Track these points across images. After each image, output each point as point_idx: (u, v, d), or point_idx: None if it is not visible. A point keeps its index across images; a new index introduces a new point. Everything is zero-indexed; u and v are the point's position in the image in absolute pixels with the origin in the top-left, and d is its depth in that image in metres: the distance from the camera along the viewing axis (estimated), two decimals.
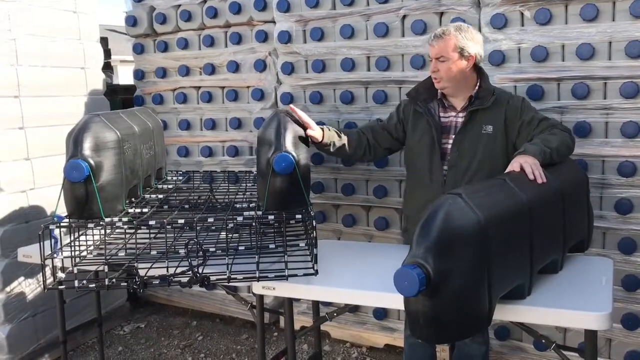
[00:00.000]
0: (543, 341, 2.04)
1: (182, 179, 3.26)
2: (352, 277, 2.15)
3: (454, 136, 2.34)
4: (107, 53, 4.52)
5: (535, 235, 1.83)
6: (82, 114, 3.44)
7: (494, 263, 1.64)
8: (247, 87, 3.51)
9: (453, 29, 2.28)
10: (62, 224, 2.16)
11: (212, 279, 2.02)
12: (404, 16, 2.93)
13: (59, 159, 2.48)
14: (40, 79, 3.29)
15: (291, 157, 2.26)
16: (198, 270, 2.00)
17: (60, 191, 2.24)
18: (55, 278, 2.10)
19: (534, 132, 2.25)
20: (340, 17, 3.09)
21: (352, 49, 3.07)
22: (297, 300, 3.29)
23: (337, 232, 3.29)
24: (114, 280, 2.06)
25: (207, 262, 2.03)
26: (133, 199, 2.60)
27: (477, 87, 2.33)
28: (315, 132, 2.47)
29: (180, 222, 2.14)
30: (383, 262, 2.15)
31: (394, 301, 1.74)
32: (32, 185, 3.23)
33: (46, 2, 3.35)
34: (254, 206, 2.55)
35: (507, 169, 2.04)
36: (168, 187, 3.04)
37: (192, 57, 3.65)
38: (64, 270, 2.13)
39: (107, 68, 4.54)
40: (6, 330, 3.05)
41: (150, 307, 4.05)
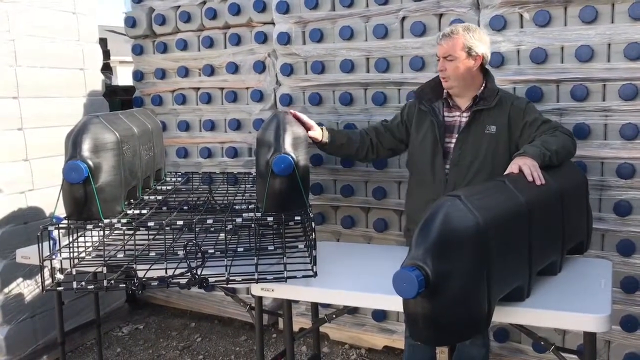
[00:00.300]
0: (542, 343, 2.03)
1: (181, 180, 3.26)
2: (351, 278, 2.15)
3: (457, 135, 2.35)
4: (106, 54, 4.52)
5: (534, 237, 1.83)
6: (81, 115, 3.44)
7: (493, 265, 1.64)
8: (246, 88, 3.51)
9: (461, 28, 2.29)
10: (60, 225, 2.15)
11: (210, 281, 2.02)
12: (404, 18, 2.93)
13: (58, 160, 2.47)
14: (39, 79, 3.29)
15: (290, 159, 2.25)
16: (197, 272, 1.99)
17: (59, 192, 2.23)
18: (53, 279, 2.09)
19: (535, 134, 2.26)
20: (340, 18, 3.09)
21: (351, 51, 3.07)
22: (296, 302, 3.28)
23: (336, 233, 3.29)
24: (112, 281, 2.06)
25: (206, 263, 2.03)
26: (132, 200, 2.59)
27: (482, 88, 2.34)
28: (315, 132, 2.56)
29: (179, 223, 2.13)
30: (382, 263, 2.14)
31: (393, 303, 1.74)
32: (31, 187, 3.22)
33: (45, 2, 3.35)
34: (253, 207, 2.55)
35: (506, 171, 2.04)
36: (167, 188, 3.04)
37: (192, 58, 3.65)
38: (62, 271, 2.12)
39: (106, 69, 4.54)
40: (4, 332, 3.04)
41: (149, 309, 4.05)
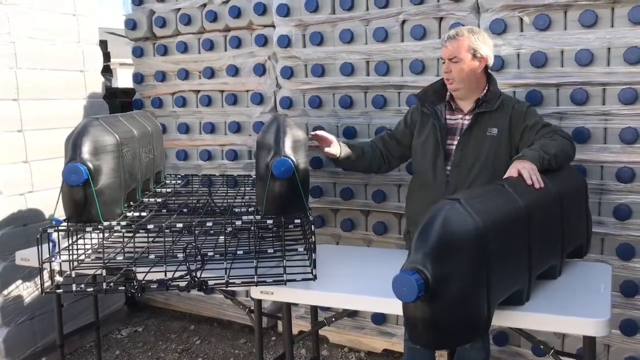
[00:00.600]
0: (541, 347, 2.04)
1: (180, 182, 3.25)
2: (350, 281, 2.15)
3: (459, 137, 2.35)
4: (107, 56, 4.54)
5: (534, 240, 1.83)
6: (81, 117, 3.44)
7: (493, 268, 1.64)
8: (247, 91, 3.51)
9: (466, 31, 2.30)
10: (60, 227, 2.15)
11: (210, 283, 2.02)
12: (404, 21, 2.93)
13: (58, 162, 2.47)
14: (39, 81, 3.28)
15: (290, 162, 2.26)
16: (196, 275, 1.99)
17: (59, 194, 2.23)
18: (53, 282, 2.09)
19: (535, 137, 2.26)
20: (340, 21, 3.10)
21: (351, 54, 3.07)
22: (295, 305, 3.28)
23: (336, 236, 3.29)
24: (112, 284, 2.06)
25: (206, 266, 2.03)
26: (132, 203, 2.59)
27: (485, 90, 2.35)
28: (333, 149, 2.59)
29: (179, 226, 2.13)
30: (382, 267, 2.14)
31: (393, 306, 1.73)
32: (31, 189, 3.22)
33: (45, 4, 3.35)
34: (253, 210, 2.55)
35: (506, 175, 2.04)
36: (167, 190, 3.04)
37: (192, 61, 3.65)
38: (62, 273, 2.12)
39: (107, 71, 4.54)
40: (3, 334, 3.03)
41: (148, 311, 4.04)
